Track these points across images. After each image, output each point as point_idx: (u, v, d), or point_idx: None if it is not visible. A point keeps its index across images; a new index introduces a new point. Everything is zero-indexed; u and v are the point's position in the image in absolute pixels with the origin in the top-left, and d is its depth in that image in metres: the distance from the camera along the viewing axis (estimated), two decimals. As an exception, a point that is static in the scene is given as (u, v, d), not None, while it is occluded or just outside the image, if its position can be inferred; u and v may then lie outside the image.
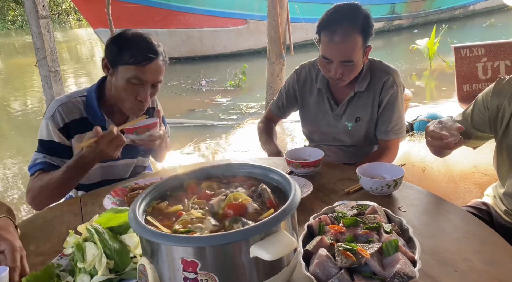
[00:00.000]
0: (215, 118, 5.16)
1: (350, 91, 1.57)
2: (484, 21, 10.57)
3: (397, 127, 1.58)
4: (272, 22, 4.19)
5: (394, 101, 1.55)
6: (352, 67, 1.44)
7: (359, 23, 1.40)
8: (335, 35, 1.39)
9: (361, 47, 1.42)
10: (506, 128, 1.24)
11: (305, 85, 1.69)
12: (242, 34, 9.54)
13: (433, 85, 5.97)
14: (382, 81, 1.54)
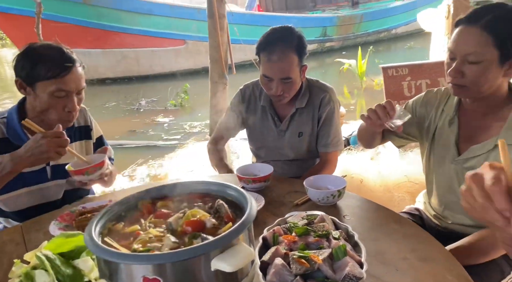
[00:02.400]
0: (158, 139, 5.07)
1: (292, 108, 1.68)
2: (405, 44, 11.61)
3: (335, 140, 1.71)
4: (214, 43, 4.27)
5: (331, 117, 1.68)
6: (291, 84, 1.55)
7: (294, 43, 1.53)
8: (273, 55, 1.51)
9: (297, 65, 1.54)
10: (433, 138, 1.38)
11: (250, 104, 1.78)
12: (181, 54, 9.54)
13: (364, 103, 6.39)
14: (319, 98, 1.67)
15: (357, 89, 7.00)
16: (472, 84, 1.17)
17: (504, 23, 1.11)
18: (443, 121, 1.35)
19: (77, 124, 1.56)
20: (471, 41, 1.14)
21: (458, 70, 1.18)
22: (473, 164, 1.25)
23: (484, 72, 1.14)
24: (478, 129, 1.27)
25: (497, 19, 1.12)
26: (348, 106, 6.07)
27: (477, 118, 1.27)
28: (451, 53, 1.20)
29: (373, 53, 7.96)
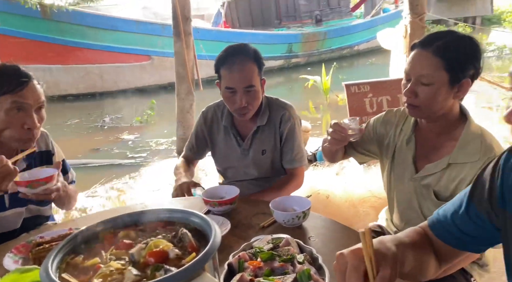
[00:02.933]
0: (123, 157, 4.94)
1: (253, 126, 1.71)
2: (367, 60, 12.05)
3: (299, 156, 1.74)
4: (180, 60, 4.26)
5: (293, 133, 1.72)
6: (254, 93, 1.59)
7: (251, 54, 1.60)
8: (234, 66, 1.56)
9: (258, 75, 1.60)
10: (393, 156, 1.44)
11: (213, 125, 1.81)
12: (146, 70, 9.44)
13: (329, 118, 6.55)
14: (279, 115, 1.72)
15: (322, 105, 7.16)
16: (424, 104, 1.24)
17: (453, 49, 1.19)
18: (401, 140, 1.41)
19: (38, 150, 1.50)
20: (424, 64, 1.21)
21: (412, 91, 1.25)
22: (429, 181, 1.30)
23: (436, 93, 1.21)
24: (433, 148, 1.33)
25: (447, 45, 1.20)
26: (314, 121, 6.20)
27: (432, 138, 1.34)
28: (406, 75, 1.28)
29: (337, 69, 8.20)
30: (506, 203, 0.76)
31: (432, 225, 0.89)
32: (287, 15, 12.07)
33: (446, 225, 0.87)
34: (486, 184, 0.80)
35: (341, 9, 13.11)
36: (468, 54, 1.21)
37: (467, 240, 0.85)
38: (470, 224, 0.83)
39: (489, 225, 0.81)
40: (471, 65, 1.21)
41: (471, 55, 1.21)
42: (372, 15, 13.36)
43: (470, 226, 0.83)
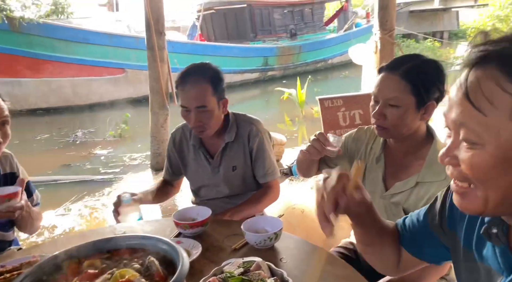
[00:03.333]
0: (95, 173, 4.82)
1: (221, 143, 1.71)
2: (340, 73, 12.33)
3: (271, 169, 1.75)
4: (154, 74, 4.23)
5: (262, 147, 1.72)
6: (207, 113, 1.57)
7: (208, 74, 1.59)
8: (186, 85, 1.56)
9: (212, 95, 1.57)
10: (364, 173, 1.46)
11: (182, 145, 1.80)
12: (120, 83, 9.31)
13: (305, 130, 6.62)
14: (247, 131, 1.72)
15: (298, 117, 7.24)
16: (392, 126, 1.27)
17: (419, 73, 1.23)
18: (371, 159, 1.43)
19: (2, 172, 1.45)
20: (392, 87, 1.25)
21: (380, 113, 1.28)
22: (398, 199, 1.33)
23: (403, 115, 1.25)
24: (401, 167, 1.36)
25: (413, 69, 1.23)
26: (290, 134, 6.25)
27: (400, 157, 1.37)
28: (375, 97, 1.31)
29: (311, 82, 8.34)
30: (455, 225, 0.77)
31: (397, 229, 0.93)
32: (262, 29, 12.22)
33: (405, 233, 0.90)
34: (439, 204, 0.82)
35: (315, 24, 13.41)
36: (433, 78, 1.25)
37: (424, 251, 0.88)
38: (424, 239, 0.86)
39: (439, 242, 0.84)
40: (436, 88, 1.25)
41: (436, 79, 1.25)
42: (345, 30, 13.72)
43: (424, 240, 0.86)
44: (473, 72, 0.55)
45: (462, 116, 0.56)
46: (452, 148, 0.61)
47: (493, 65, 0.53)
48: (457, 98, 0.57)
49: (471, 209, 0.61)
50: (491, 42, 0.55)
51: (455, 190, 0.63)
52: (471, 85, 0.54)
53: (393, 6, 3.82)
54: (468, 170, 0.57)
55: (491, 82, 0.53)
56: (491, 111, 0.53)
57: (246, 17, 11.87)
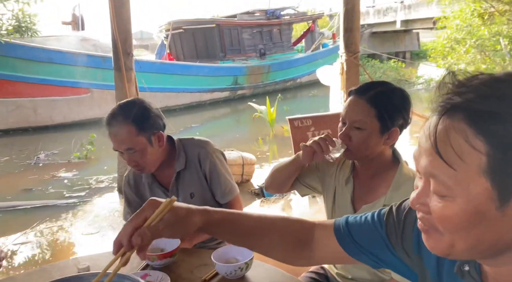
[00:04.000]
0: (59, 197, 4.61)
1: (172, 172, 1.67)
2: (309, 92, 12.58)
3: (229, 188, 1.71)
4: (120, 94, 4.14)
5: (215, 168, 1.68)
6: (138, 153, 1.53)
7: (130, 114, 1.51)
8: (111, 128, 1.52)
9: (138, 135, 1.51)
10: (334, 195, 1.46)
11: (138, 185, 1.74)
12: (85, 103, 9.09)
13: (276, 149, 6.66)
14: (196, 155, 1.67)
15: (268, 136, 7.29)
16: (356, 148, 1.30)
17: (385, 100, 1.28)
18: (341, 180, 1.44)
19: None
20: (358, 111, 1.29)
21: (346, 134, 1.31)
22: None
23: (367, 138, 1.28)
24: (368, 189, 1.38)
25: (380, 95, 1.28)
26: (262, 153, 6.27)
27: (367, 180, 1.39)
28: (342, 118, 1.34)
29: (281, 101, 8.45)
30: (421, 250, 0.76)
31: (337, 229, 0.89)
32: (231, 49, 12.36)
33: (347, 234, 0.87)
34: (400, 226, 0.80)
35: (283, 44, 13.72)
36: (398, 106, 1.29)
37: (369, 256, 0.85)
38: (372, 240, 0.84)
39: (400, 262, 0.81)
40: (400, 116, 1.29)
41: (400, 107, 1.29)
42: (313, 50, 14.12)
43: (371, 241, 0.84)
44: (442, 122, 0.54)
45: (432, 168, 0.55)
46: (422, 195, 0.59)
47: (461, 117, 0.52)
48: (426, 147, 0.56)
49: (437, 251, 0.61)
50: (457, 92, 0.54)
51: (423, 229, 0.62)
52: (440, 137, 0.54)
53: (357, 29, 3.97)
54: (438, 221, 0.57)
55: (460, 137, 0.52)
56: (461, 166, 0.52)
57: (215, 37, 11.98)
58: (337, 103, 4.29)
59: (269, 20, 13.08)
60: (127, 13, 3.94)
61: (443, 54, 9.56)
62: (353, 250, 0.86)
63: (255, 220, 0.89)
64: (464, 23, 9.08)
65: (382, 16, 19.52)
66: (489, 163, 0.50)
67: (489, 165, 0.50)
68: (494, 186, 0.51)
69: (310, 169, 1.52)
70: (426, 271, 0.75)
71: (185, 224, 0.77)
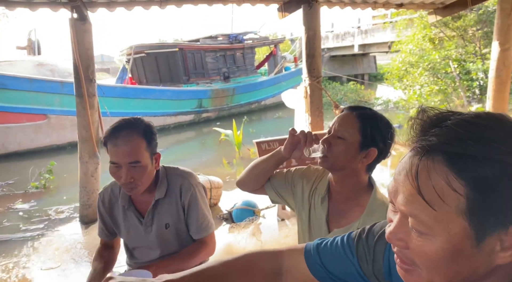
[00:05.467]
0: (14, 230, 4.34)
1: (151, 200, 1.62)
2: (274, 114, 12.78)
3: (205, 224, 1.66)
4: (83, 121, 4.03)
5: (195, 202, 1.64)
6: (141, 169, 1.49)
7: (140, 128, 1.51)
8: (118, 140, 1.46)
9: (145, 150, 1.50)
10: (309, 213, 1.46)
11: (112, 206, 1.69)
12: (41, 129, 8.73)
13: (243, 171, 6.65)
14: (179, 186, 1.63)
15: (235, 159, 7.28)
16: (333, 156, 1.34)
17: (371, 119, 1.35)
18: (316, 199, 1.45)
19: None
20: (345, 121, 1.36)
21: (327, 140, 1.36)
22: None
23: (346, 148, 1.33)
24: (342, 212, 1.39)
25: (369, 115, 1.36)
26: (230, 175, 6.24)
27: (341, 202, 1.40)
28: (329, 129, 1.40)
29: (247, 123, 8.53)
30: (393, 278, 0.77)
31: (307, 255, 0.90)
32: (195, 72, 12.40)
33: (318, 261, 0.88)
34: (370, 253, 0.81)
35: (247, 67, 13.94)
36: (381, 130, 1.35)
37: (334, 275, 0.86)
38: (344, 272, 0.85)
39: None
40: (381, 139, 1.34)
41: (384, 131, 1.35)
42: (276, 73, 14.42)
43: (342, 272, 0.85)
44: (422, 163, 0.55)
45: (411, 208, 0.56)
46: (399, 230, 0.60)
47: (440, 159, 0.54)
48: (405, 186, 0.57)
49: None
50: (433, 133, 0.56)
51: (399, 265, 0.62)
52: (421, 179, 0.55)
53: (319, 55, 4.12)
54: (417, 257, 0.58)
55: (441, 179, 0.53)
56: (441, 207, 0.53)
57: (178, 61, 11.98)
58: (302, 126, 4.38)
59: (232, 44, 13.29)
60: (89, 40, 3.88)
61: (398, 76, 10.08)
62: (324, 277, 0.87)
63: (219, 270, 0.89)
64: (416, 47, 9.66)
65: (340, 41, 20.42)
66: (468, 204, 0.52)
67: (468, 206, 0.52)
68: (472, 225, 0.53)
69: (285, 179, 1.52)
70: None
71: None
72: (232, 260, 0.91)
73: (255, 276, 0.90)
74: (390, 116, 7.18)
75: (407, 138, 0.60)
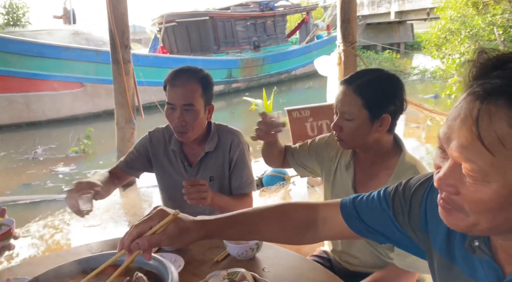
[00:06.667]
0: (58, 191, 4.62)
1: (201, 151, 1.68)
2: (305, 84, 12.60)
3: (248, 181, 1.72)
4: (119, 88, 4.15)
5: (242, 158, 1.70)
6: (193, 113, 1.55)
7: (199, 75, 1.59)
8: (176, 81, 1.55)
9: (200, 96, 1.56)
10: (333, 180, 1.47)
11: (159, 147, 1.74)
12: (78, 98, 9.02)
13: (273, 141, 6.69)
14: (229, 142, 1.70)
15: (265, 128, 7.29)
16: (347, 138, 1.33)
17: (370, 88, 1.28)
18: (341, 165, 1.45)
19: None
20: (346, 101, 1.30)
21: (337, 125, 1.33)
22: None
23: (357, 128, 1.30)
24: (369, 176, 1.38)
25: (365, 84, 1.28)
26: (258, 145, 6.29)
27: (368, 166, 1.39)
28: (335, 109, 1.35)
29: (277, 93, 8.46)
30: (428, 228, 0.78)
31: (343, 208, 0.92)
32: (225, 41, 12.31)
33: (354, 213, 0.90)
34: (407, 205, 0.82)
35: (278, 36, 13.68)
36: (387, 93, 1.28)
37: (376, 234, 0.88)
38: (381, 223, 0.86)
39: (407, 239, 0.84)
40: (390, 103, 1.28)
41: (390, 93, 1.28)
42: (307, 42, 14.08)
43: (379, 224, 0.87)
44: (484, 107, 0.53)
45: (468, 154, 0.55)
46: (450, 176, 0.59)
47: (504, 103, 0.52)
48: (462, 131, 0.55)
49: (458, 228, 0.62)
50: (495, 75, 0.54)
51: (443, 207, 0.62)
52: (482, 124, 0.53)
53: (354, 19, 3.99)
54: (469, 203, 0.57)
55: (504, 123, 0.52)
56: (501, 152, 0.52)
57: (208, 30, 11.91)
58: (334, 94, 4.33)
59: (263, 12, 13.02)
60: (124, 6, 3.93)
61: (437, 45, 9.61)
62: (360, 229, 0.90)
63: (252, 216, 0.93)
64: (458, 13, 9.12)
65: (376, 7, 19.56)
66: None
67: None
68: None
69: (308, 152, 1.55)
70: (433, 248, 0.77)
71: (184, 238, 0.82)
72: (266, 208, 0.95)
73: (287, 224, 0.94)
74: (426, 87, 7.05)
75: (464, 82, 0.57)
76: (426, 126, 6.55)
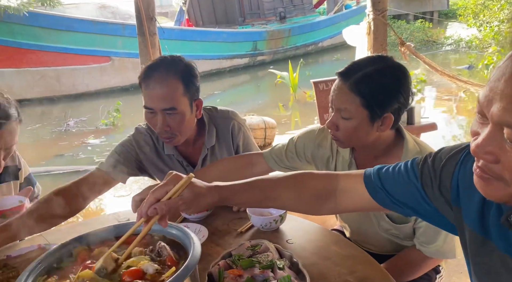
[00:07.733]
0: (89, 162, 4.78)
1: (200, 148, 1.49)
2: (332, 56, 12.26)
3: None
4: (145, 60, 4.14)
5: (248, 142, 1.58)
6: (177, 117, 1.31)
7: (179, 69, 1.32)
8: (151, 80, 1.28)
9: (183, 95, 1.31)
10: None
11: (150, 152, 1.49)
12: (106, 71, 9.16)
13: (298, 115, 6.62)
14: (228, 128, 1.51)
15: (290, 102, 7.22)
16: (344, 138, 1.19)
17: (370, 84, 1.11)
18: (341, 163, 1.32)
19: (4, 165, 1.43)
20: (343, 98, 1.14)
21: (333, 123, 1.18)
22: None
23: (356, 128, 1.15)
24: None
25: (364, 80, 1.11)
26: (284, 118, 6.24)
27: (371, 161, 1.25)
28: (330, 103, 1.20)
29: (303, 66, 8.29)
30: (459, 202, 0.74)
31: (367, 179, 0.89)
32: (250, 13, 12.07)
33: (379, 184, 0.87)
34: (437, 177, 0.78)
35: (304, 6, 13.26)
36: (390, 89, 1.12)
37: (402, 207, 0.85)
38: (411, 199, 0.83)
39: (436, 214, 0.80)
40: (393, 101, 1.13)
41: (393, 89, 1.12)
42: (335, 12, 13.61)
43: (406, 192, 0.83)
44: None
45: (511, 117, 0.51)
46: (489, 142, 0.55)
47: None
48: (506, 94, 0.52)
49: (495, 197, 0.59)
50: None
51: (480, 176, 0.59)
52: None
53: (385, -14, 3.78)
54: (509, 172, 0.54)
55: None
56: None
57: (234, 1, 11.71)
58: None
59: (289, -19, 12.62)
60: (148, -23, 3.87)
61: (474, 12, 9.07)
62: (385, 201, 0.87)
63: (267, 182, 0.92)
64: (499, -23, 8.53)
65: (408, -26, 18.52)
66: None
67: None
68: None
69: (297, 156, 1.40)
70: (464, 222, 0.74)
71: (199, 202, 0.83)
72: (283, 176, 0.94)
73: (304, 192, 0.92)
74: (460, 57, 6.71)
75: None
76: (459, 98, 6.29)
